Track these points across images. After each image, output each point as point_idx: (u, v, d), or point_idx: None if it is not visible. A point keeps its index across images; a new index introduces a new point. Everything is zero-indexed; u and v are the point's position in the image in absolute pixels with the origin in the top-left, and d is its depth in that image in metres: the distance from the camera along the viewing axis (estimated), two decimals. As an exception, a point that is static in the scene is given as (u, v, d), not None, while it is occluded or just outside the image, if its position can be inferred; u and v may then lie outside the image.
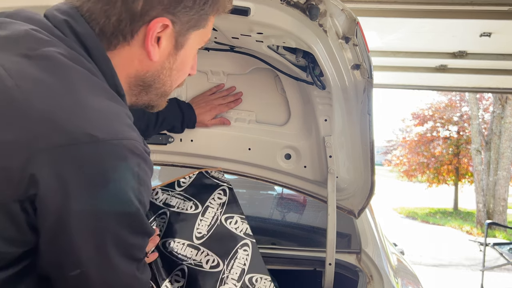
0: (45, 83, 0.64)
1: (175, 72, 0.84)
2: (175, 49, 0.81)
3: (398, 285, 1.73)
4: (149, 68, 0.80)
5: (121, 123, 0.69)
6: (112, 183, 0.64)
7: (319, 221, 2.14)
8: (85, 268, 0.67)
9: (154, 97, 0.86)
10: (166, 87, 0.85)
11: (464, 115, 16.33)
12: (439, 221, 13.27)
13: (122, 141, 0.66)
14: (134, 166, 0.67)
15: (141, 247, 0.75)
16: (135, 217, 0.69)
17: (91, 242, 0.66)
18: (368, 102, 1.27)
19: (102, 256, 0.67)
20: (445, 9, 2.71)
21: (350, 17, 1.04)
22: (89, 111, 0.65)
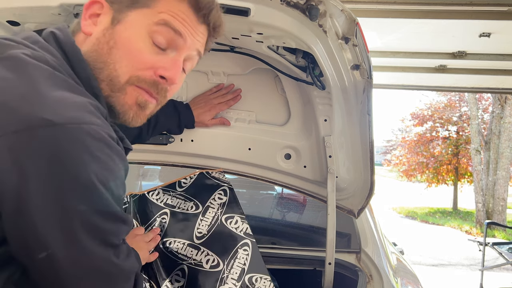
0: (5, 78, 0.67)
1: (115, 50, 0.80)
2: (111, 24, 0.82)
3: (397, 284, 1.74)
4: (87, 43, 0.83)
5: (81, 110, 0.69)
6: (69, 166, 0.65)
7: (319, 221, 2.14)
8: (52, 250, 0.66)
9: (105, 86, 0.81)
10: (110, 69, 0.80)
11: (463, 115, 16.34)
12: (438, 220, 13.28)
13: (81, 125, 0.66)
14: (94, 150, 0.67)
15: (114, 232, 0.74)
16: (100, 200, 0.69)
17: (55, 223, 0.65)
18: (368, 102, 1.27)
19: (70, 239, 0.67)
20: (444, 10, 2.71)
21: (349, 18, 1.04)
22: (46, 99, 0.66)
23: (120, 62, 0.81)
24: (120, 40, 0.81)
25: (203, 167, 1.68)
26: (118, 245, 0.76)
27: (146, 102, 0.85)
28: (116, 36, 0.81)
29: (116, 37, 0.81)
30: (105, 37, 0.81)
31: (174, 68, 0.84)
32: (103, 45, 0.81)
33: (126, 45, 0.81)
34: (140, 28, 0.81)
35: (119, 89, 0.82)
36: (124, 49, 0.81)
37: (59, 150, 0.64)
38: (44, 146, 0.64)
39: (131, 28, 0.81)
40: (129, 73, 0.81)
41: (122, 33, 0.81)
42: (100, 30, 0.82)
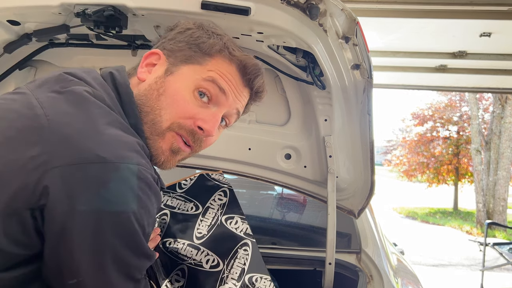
0: (68, 113, 0.74)
1: (164, 97, 0.88)
2: (165, 74, 0.90)
3: (398, 285, 1.74)
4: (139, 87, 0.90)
5: (130, 149, 0.75)
6: (113, 202, 0.69)
7: (319, 221, 2.14)
8: (82, 279, 0.70)
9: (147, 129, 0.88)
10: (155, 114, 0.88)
11: (464, 115, 16.34)
12: (439, 221, 13.27)
13: (128, 165, 0.72)
14: (136, 189, 0.72)
15: (139, 268, 0.78)
16: (133, 237, 0.73)
17: (90, 255, 0.70)
18: (368, 102, 1.27)
19: (100, 271, 0.71)
20: (445, 9, 2.71)
21: (350, 17, 1.04)
22: (101, 136, 0.73)
23: (166, 109, 0.88)
24: (169, 89, 0.89)
25: (203, 167, 1.68)
26: (139, 280, 0.79)
27: (179, 149, 0.92)
28: (167, 85, 0.89)
29: (166, 85, 0.89)
30: (157, 84, 0.89)
31: (212, 121, 0.91)
32: (153, 91, 0.88)
33: (174, 94, 0.88)
34: (189, 81, 0.90)
35: (159, 133, 0.89)
36: (172, 97, 0.88)
37: (107, 186, 0.69)
38: (95, 180, 0.69)
39: (181, 80, 0.89)
40: (172, 119, 0.88)
41: (172, 84, 0.89)
42: (153, 78, 0.90)
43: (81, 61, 1.55)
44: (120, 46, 1.41)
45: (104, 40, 1.33)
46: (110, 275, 0.72)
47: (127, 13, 1.09)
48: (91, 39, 1.30)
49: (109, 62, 1.55)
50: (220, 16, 1.03)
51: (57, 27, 1.17)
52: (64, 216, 0.67)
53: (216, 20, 1.08)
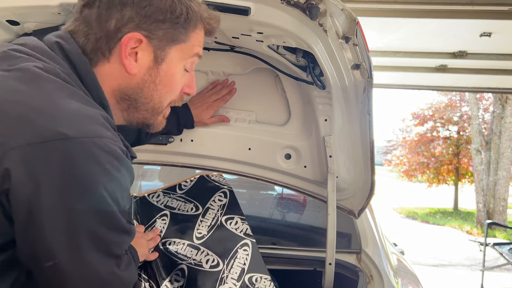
0: (19, 91, 0.70)
1: (161, 87, 0.88)
2: (155, 62, 0.86)
3: (398, 285, 1.74)
4: (130, 81, 0.86)
5: (93, 123, 0.72)
6: (80, 179, 0.67)
7: (319, 221, 2.14)
8: (58, 260, 0.69)
9: (146, 113, 0.90)
10: (155, 103, 0.89)
11: (464, 115, 16.33)
12: (439, 221, 13.27)
13: (93, 139, 0.69)
14: (105, 163, 0.70)
15: (119, 243, 0.77)
16: (107, 213, 0.71)
17: (62, 235, 0.68)
18: (368, 102, 1.27)
19: (76, 250, 0.70)
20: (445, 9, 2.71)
21: (350, 17, 1.04)
22: (60, 112, 0.69)
23: (165, 96, 0.90)
24: (165, 78, 0.88)
25: (203, 167, 1.68)
26: (120, 256, 0.78)
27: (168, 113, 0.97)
28: (162, 74, 0.88)
29: (162, 75, 0.88)
30: (151, 77, 0.87)
31: (193, 83, 0.96)
32: (149, 84, 0.87)
33: (170, 82, 0.90)
34: (179, 63, 0.90)
35: (159, 112, 0.92)
36: (169, 85, 0.90)
37: (72, 163, 0.67)
38: (58, 159, 0.66)
39: (173, 65, 0.89)
40: (169, 100, 0.93)
41: (167, 71, 0.88)
42: (145, 70, 0.86)
43: (80, 61, 1.55)
44: (120, 46, 1.41)
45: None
46: (87, 253, 0.70)
47: None
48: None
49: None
50: (220, 16, 1.03)
51: (56, 27, 1.17)
52: (29, 198, 0.65)
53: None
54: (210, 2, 0.99)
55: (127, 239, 0.79)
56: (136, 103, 0.88)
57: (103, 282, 0.75)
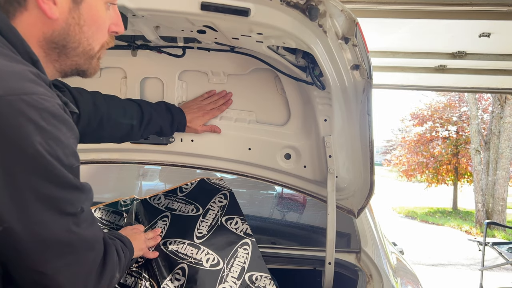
0: None
1: (87, 28, 0.85)
2: (74, 3, 0.83)
3: (397, 284, 1.74)
4: (53, 27, 0.82)
5: (21, 79, 0.69)
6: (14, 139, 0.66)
7: (319, 221, 2.14)
8: (8, 224, 0.67)
9: (78, 59, 0.87)
10: (84, 46, 0.86)
11: (463, 115, 16.35)
12: (438, 220, 13.28)
13: (21, 96, 0.67)
14: (37, 120, 0.67)
15: (71, 200, 0.74)
16: (49, 169, 0.69)
17: (7, 196, 0.66)
18: (368, 102, 1.27)
19: (24, 211, 0.68)
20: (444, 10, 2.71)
21: (349, 18, 1.05)
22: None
23: (93, 37, 0.87)
24: (88, 18, 0.85)
25: (203, 167, 1.68)
26: (76, 214, 0.76)
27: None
28: (84, 14, 0.85)
29: (85, 15, 0.85)
30: (75, 19, 0.84)
31: (120, 20, 0.93)
32: (74, 27, 0.84)
33: (95, 21, 0.86)
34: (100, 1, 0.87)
35: (93, 57, 0.89)
36: (94, 25, 0.87)
37: (1, 123, 0.65)
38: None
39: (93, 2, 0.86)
40: (101, 43, 0.89)
41: (89, 11, 0.85)
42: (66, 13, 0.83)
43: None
44: (120, 46, 1.42)
45: (105, 41, 1.33)
46: (36, 214, 0.69)
47: (126, 14, 1.09)
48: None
49: (109, 62, 1.55)
50: (220, 17, 1.03)
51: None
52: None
53: (215, 21, 1.08)
54: (210, 3, 1.00)
55: (80, 196, 0.76)
56: (65, 49, 0.85)
57: (60, 242, 0.73)
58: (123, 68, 1.56)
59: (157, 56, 1.47)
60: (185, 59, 1.47)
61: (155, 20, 1.17)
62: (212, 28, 1.14)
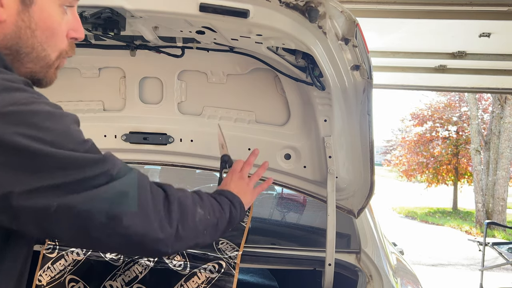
0: None
1: (40, 32, 0.81)
2: (23, 5, 0.79)
3: (397, 284, 1.74)
4: (4, 30, 0.79)
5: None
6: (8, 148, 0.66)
7: (318, 221, 2.14)
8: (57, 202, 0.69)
9: (33, 65, 0.83)
10: (38, 51, 0.82)
11: (463, 115, 16.33)
12: (438, 220, 13.27)
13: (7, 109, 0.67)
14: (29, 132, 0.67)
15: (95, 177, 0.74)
16: (36, 156, 0.68)
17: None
18: (368, 103, 1.27)
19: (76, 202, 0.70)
20: (444, 10, 2.71)
21: (349, 19, 1.04)
22: None
23: (47, 43, 0.82)
24: (40, 21, 0.81)
25: (203, 167, 1.68)
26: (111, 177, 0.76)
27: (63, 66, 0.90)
28: (36, 18, 0.80)
29: (36, 19, 0.80)
30: (25, 22, 0.80)
31: (80, 25, 0.88)
32: (25, 30, 0.80)
33: (49, 25, 0.82)
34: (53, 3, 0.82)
35: (50, 65, 0.85)
36: (48, 29, 0.82)
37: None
38: None
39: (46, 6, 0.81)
40: (58, 50, 0.84)
41: (41, 14, 0.81)
42: (15, 15, 0.79)
43: (79, 60, 1.55)
44: (119, 46, 1.41)
45: (103, 41, 1.33)
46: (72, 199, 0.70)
47: (125, 15, 1.09)
48: (90, 40, 1.30)
49: (108, 62, 1.55)
50: (218, 18, 1.03)
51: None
52: None
53: (214, 22, 1.08)
54: (208, 4, 0.99)
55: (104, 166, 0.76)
56: (18, 54, 0.81)
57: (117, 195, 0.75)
58: (122, 68, 1.56)
59: (156, 56, 1.47)
60: (184, 59, 1.47)
61: (153, 21, 1.16)
62: (211, 29, 1.14)
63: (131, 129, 1.63)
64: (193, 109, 1.62)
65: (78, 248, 1.47)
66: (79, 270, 1.43)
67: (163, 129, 1.63)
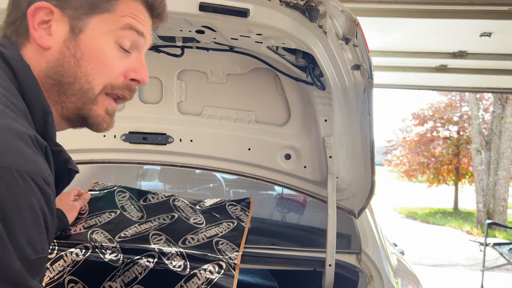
0: None
1: (85, 62, 0.77)
2: (72, 33, 0.77)
3: (398, 285, 1.73)
4: (48, 58, 0.77)
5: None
6: None
7: (319, 222, 2.14)
8: None
9: (76, 99, 0.79)
10: (82, 83, 0.78)
11: (464, 115, 16.33)
12: (439, 221, 13.27)
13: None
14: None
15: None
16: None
17: None
18: (368, 102, 1.27)
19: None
20: (445, 9, 2.71)
21: (350, 18, 1.04)
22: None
23: (93, 74, 0.78)
24: (87, 51, 0.78)
25: (203, 167, 1.68)
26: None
27: (114, 110, 0.86)
28: (82, 47, 0.77)
29: (83, 48, 0.77)
30: (69, 50, 0.77)
31: (142, 68, 0.85)
32: (69, 58, 0.77)
33: (96, 56, 0.78)
34: (105, 35, 0.79)
35: (92, 100, 0.80)
36: (94, 60, 0.78)
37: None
38: None
39: (96, 36, 0.78)
40: (103, 83, 0.80)
41: (89, 44, 0.78)
42: (61, 42, 0.77)
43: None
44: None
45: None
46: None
47: None
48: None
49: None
50: (218, 17, 1.03)
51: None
52: None
53: (214, 21, 1.07)
54: (208, 4, 0.99)
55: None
56: (61, 85, 0.77)
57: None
58: (121, 68, 1.56)
59: (156, 55, 1.46)
60: (184, 59, 1.46)
61: (153, 20, 1.16)
62: (211, 29, 1.14)
63: (131, 129, 1.63)
64: (193, 109, 1.62)
65: (77, 249, 1.47)
66: (78, 271, 1.42)
67: (163, 129, 1.63)
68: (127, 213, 1.67)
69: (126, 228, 1.58)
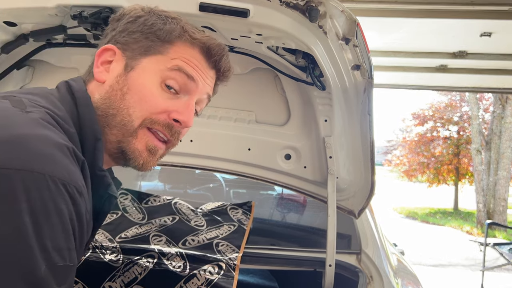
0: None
1: (129, 96, 0.81)
2: (125, 70, 0.83)
3: (398, 285, 1.73)
4: (101, 90, 0.83)
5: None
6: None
7: (319, 222, 2.14)
8: None
9: (117, 132, 0.82)
10: (124, 115, 0.81)
11: (464, 115, 16.33)
12: (439, 221, 13.27)
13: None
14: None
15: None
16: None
17: None
18: (369, 103, 1.27)
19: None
20: (445, 9, 2.71)
21: (350, 18, 1.04)
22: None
23: (134, 107, 0.82)
24: (133, 85, 0.82)
25: (203, 168, 1.68)
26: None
27: (156, 148, 0.86)
28: (130, 82, 0.82)
29: (130, 83, 0.82)
30: (119, 84, 0.82)
31: (187, 111, 0.86)
32: (116, 92, 0.82)
33: (140, 90, 0.82)
34: (153, 73, 0.83)
35: (131, 133, 0.82)
36: (138, 94, 0.82)
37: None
38: None
39: (144, 74, 0.83)
40: (143, 116, 0.82)
41: (136, 79, 0.82)
42: (114, 77, 0.83)
43: (78, 60, 1.55)
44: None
45: (103, 41, 1.33)
46: None
47: None
48: (89, 39, 1.29)
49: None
50: (218, 18, 1.02)
51: (53, 28, 1.16)
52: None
53: (214, 22, 1.07)
54: (208, 4, 0.99)
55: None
56: (106, 116, 0.81)
57: None
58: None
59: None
60: (184, 59, 1.46)
61: (153, 20, 1.16)
62: (211, 29, 1.13)
63: (131, 129, 1.63)
64: (193, 109, 1.62)
65: None
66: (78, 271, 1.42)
67: (163, 129, 1.63)
68: (128, 214, 1.68)
69: (127, 229, 1.58)
